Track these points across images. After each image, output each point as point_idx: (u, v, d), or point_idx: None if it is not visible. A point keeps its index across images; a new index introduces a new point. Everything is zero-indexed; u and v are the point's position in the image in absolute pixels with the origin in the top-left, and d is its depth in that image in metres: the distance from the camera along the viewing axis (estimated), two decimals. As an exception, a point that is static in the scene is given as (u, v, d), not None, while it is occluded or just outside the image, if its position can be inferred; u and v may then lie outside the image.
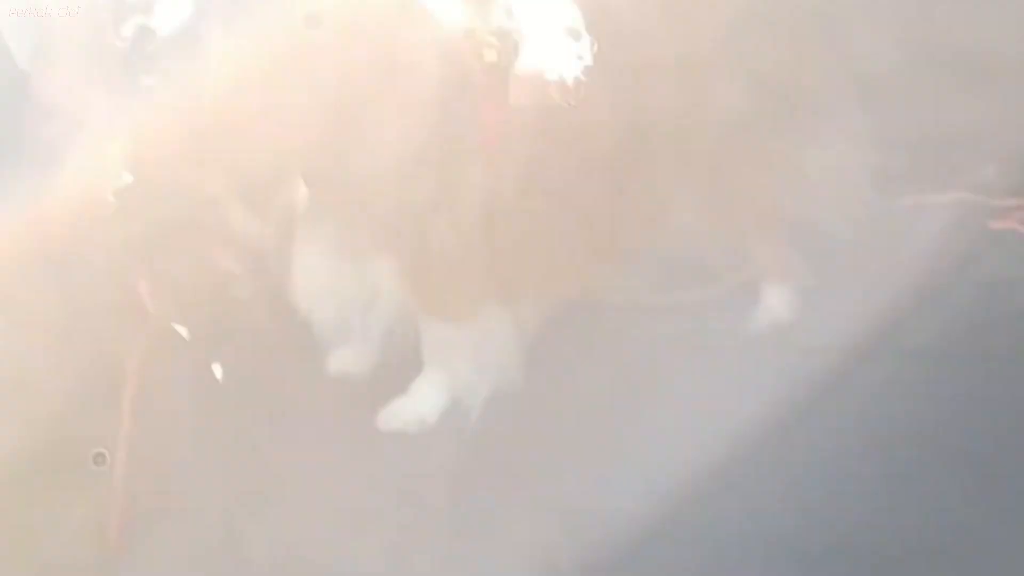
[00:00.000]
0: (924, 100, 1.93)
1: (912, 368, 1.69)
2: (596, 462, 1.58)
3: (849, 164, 1.87)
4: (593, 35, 1.59)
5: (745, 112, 1.69)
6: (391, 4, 1.50)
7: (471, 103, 1.50)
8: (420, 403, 1.67)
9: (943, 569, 1.36)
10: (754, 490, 1.49)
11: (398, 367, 1.74)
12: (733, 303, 1.87)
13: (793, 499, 1.46)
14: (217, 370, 1.66)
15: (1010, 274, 1.91)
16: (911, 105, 1.91)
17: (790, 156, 1.76)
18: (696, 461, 1.54)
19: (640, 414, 1.65)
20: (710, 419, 1.62)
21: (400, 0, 1.50)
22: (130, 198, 1.46)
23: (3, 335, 1.45)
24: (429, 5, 1.52)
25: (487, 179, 1.53)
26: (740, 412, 1.62)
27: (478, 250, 1.57)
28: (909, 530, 1.40)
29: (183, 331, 1.80)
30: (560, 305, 1.75)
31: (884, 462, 1.52)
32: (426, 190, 1.50)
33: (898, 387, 1.65)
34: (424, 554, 1.43)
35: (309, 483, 1.54)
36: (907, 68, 1.86)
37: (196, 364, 1.73)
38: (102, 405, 1.51)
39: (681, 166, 1.70)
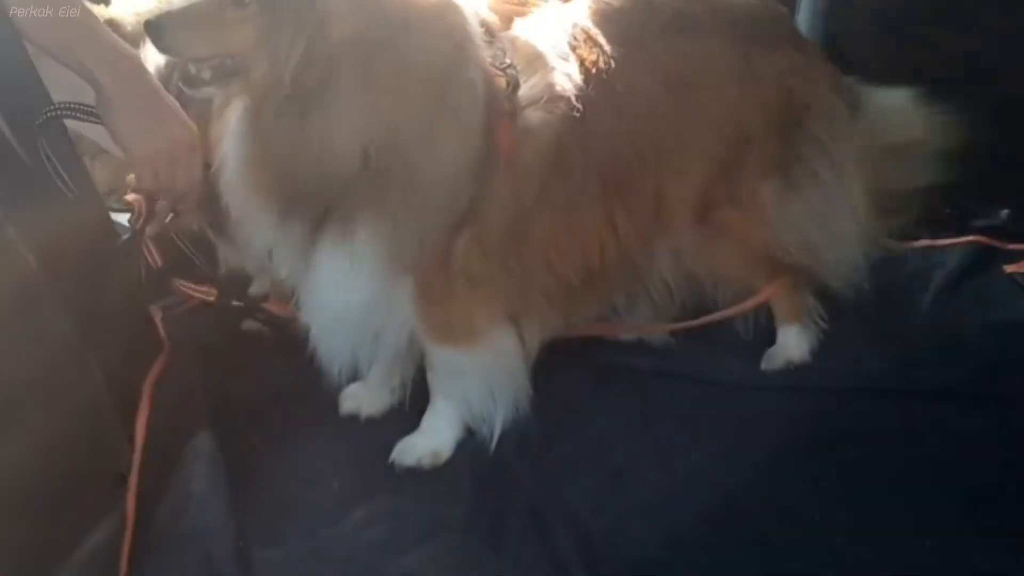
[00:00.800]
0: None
1: (923, 410, 1.67)
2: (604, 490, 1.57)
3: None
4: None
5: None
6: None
7: (490, 123, 1.51)
8: (434, 437, 1.66)
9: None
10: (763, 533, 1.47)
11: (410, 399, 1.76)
12: (739, 339, 1.88)
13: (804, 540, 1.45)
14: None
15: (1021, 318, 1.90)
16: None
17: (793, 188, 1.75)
18: (701, 496, 1.53)
19: (645, 447, 1.65)
20: (717, 454, 1.61)
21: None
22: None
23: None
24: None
25: (505, 199, 1.54)
26: (745, 451, 1.62)
27: (491, 272, 1.58)
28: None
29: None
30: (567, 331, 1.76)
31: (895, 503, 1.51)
32: (454, 207, 1.50)
33: (910, 429, 1.64)
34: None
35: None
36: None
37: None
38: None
39: (680, 190, 1.70)
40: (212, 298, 1.94)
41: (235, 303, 1.96)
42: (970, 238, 2.17)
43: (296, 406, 1.78)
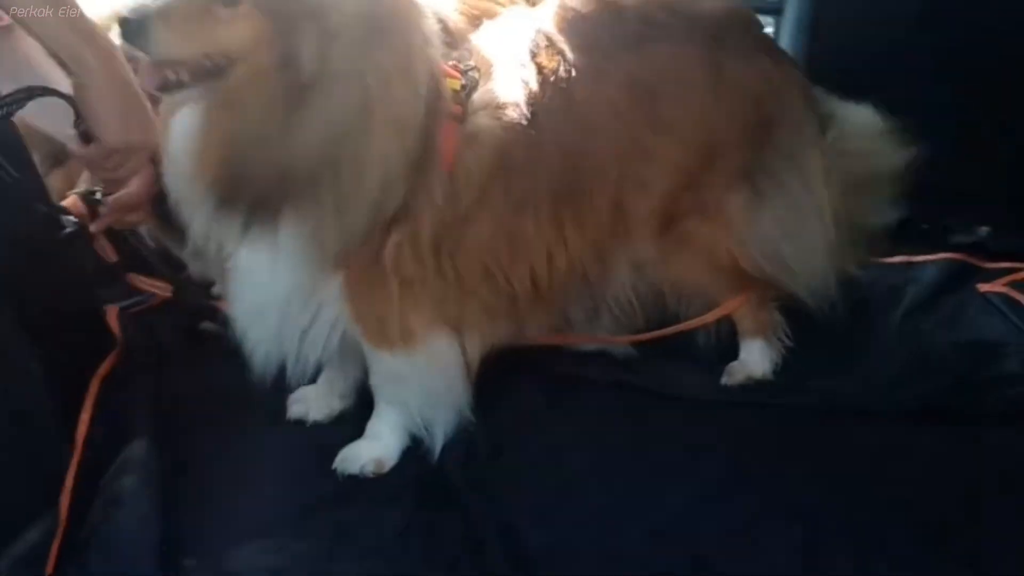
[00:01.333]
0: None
1: (883, 431, 1.63)
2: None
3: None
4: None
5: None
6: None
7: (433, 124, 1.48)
8: (377, 445, 1.62)
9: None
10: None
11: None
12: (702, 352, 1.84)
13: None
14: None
15: (995, 338, 1.86)
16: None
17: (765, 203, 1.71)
18: (647, 513, 1.49)
19: (595, 460, 1.61)
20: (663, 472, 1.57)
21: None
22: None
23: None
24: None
25: (440, 202, 1.50)
26: (698, 468, 1.58)
27: (425, 276, 1.54)
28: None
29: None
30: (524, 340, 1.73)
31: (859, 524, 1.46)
32: (383, 205, 1.47)
33: (868, 449, 1.60)
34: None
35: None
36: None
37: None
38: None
39: (642, 202, 1.66)
40: (167, 294, 1.93)
41: (191, 301, 1.95)
42: (947, 255, 2.12)
43: (245, 409, 1.74)
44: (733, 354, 1.84)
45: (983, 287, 2.01)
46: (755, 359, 1.79)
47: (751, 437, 1.65)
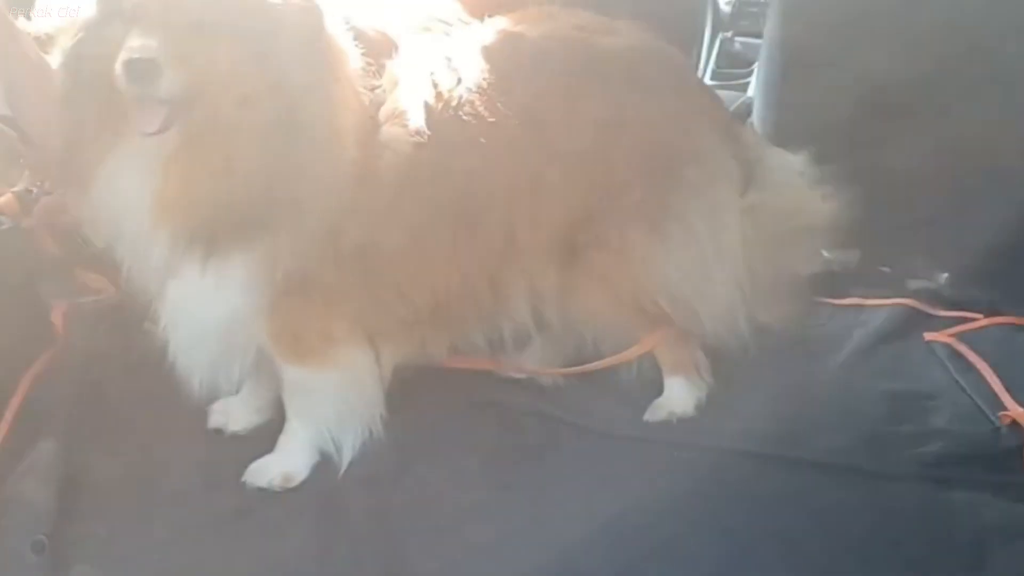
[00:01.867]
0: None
1: (793, 478, 1.61)
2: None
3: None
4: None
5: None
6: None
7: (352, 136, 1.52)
8: (286, 460, 1.64)
9: None
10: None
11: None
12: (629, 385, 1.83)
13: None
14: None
15: (929, 390, 1.82)
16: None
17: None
18: (542, 545, 1.49)
19: (500, 488, 1.61)
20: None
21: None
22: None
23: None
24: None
25: (359, 211, 1.53)
26: (603, 502, 1.57)
27: (345, 285, 1.57)
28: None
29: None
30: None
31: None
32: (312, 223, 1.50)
33: (773, 496, 1.58)
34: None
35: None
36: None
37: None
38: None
39: (535, 233, 1.66)
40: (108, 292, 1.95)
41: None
42: (900, 300, 2.09)
43: (170, 415, 1.77)
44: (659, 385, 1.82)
45: (929, 335, 1.97)
46: (676, 396, 1.78)
47: (659, 475, 1.64)
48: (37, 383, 1.79)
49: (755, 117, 2.49)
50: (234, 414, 1.76)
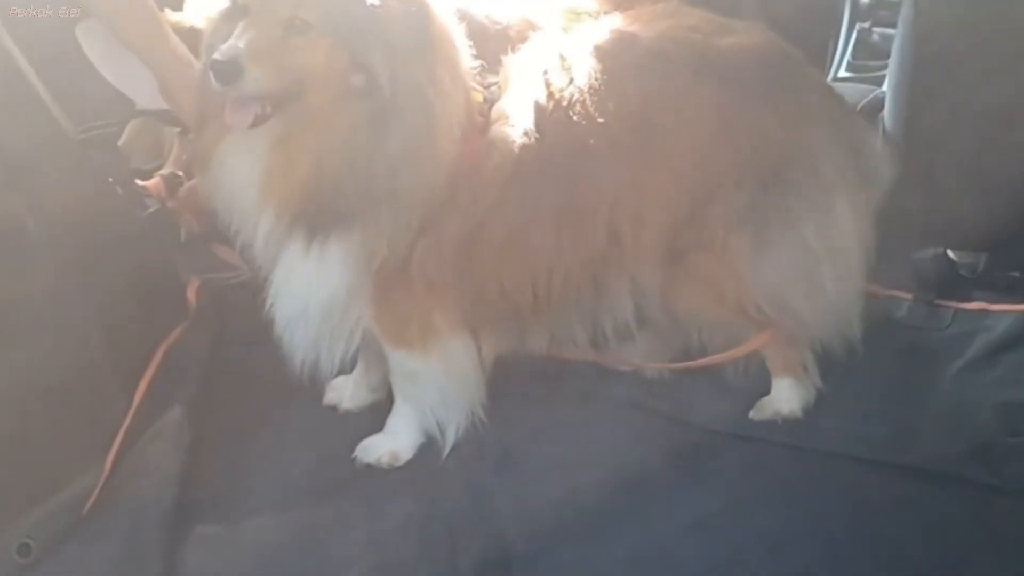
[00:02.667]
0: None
1: (919, 486, 1.58)
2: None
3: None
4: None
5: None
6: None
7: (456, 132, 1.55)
8: (394, 439, 1.71)
9: None
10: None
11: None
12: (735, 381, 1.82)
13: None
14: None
15: None
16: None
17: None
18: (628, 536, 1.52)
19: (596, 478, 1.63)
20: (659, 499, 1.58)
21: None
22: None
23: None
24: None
25: (463, 207, 1.57)
26: (697, 495, 1.58)
27: (446, 278, 1.61)
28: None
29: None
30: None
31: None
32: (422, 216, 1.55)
33: (879, 500, 1.55)
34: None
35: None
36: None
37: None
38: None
39: (638, 233, 1.66)
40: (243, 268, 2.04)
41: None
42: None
43: (289, 390, 1.86)
44: (767, 384, 1.81)
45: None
46: (784, 397, 1.76)
47: (758, 473, 1.64)
48: (170, 354, 1.90)
49: (886, 113, 2.42)
50: (348, 392, 1.84)
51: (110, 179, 1.93)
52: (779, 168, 1.64)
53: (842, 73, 3.48)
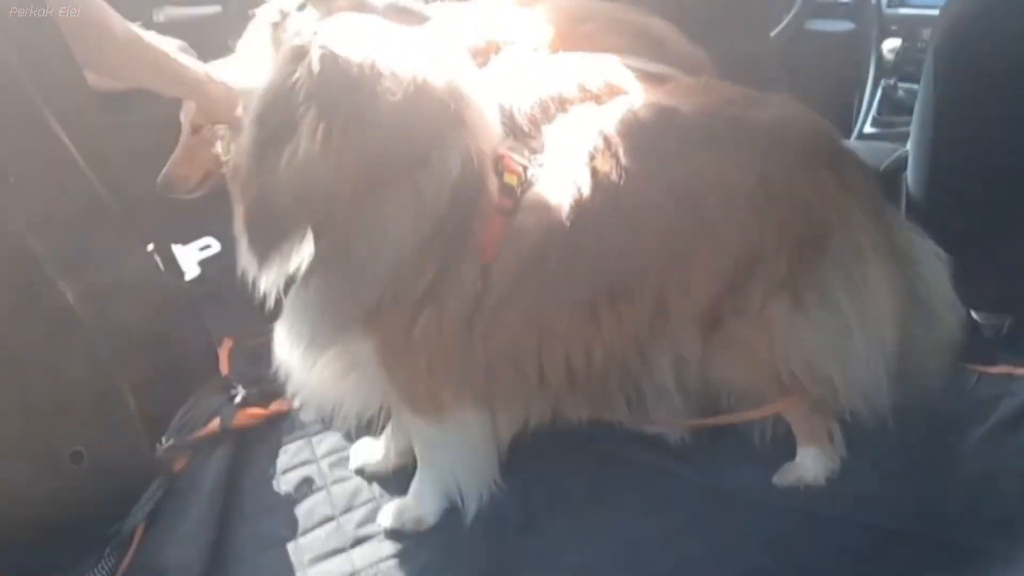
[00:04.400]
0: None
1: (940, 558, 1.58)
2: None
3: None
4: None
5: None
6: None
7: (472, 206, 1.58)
8: (417, 504, 1.73)
9: None
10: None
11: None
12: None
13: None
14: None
15: None
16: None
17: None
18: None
19: (620, 546, 1.65)
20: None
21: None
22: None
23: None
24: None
25: (469, 291, 1.60)
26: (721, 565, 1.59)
27: (452, 357, 1.63)
28: None
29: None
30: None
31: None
32: (401, 284, 1.57)
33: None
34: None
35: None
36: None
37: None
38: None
39: (685, 303, 1.67)
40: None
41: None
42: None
43: (313, 449, 1.90)
44: (793, 449, 1.82)
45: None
46: (808, 464, 1.77)
47: (783, 542, 1.64)
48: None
49: (909, 172, 2.43)
50: (374, 455, 1.86)
51: (150, 247, 1.99)
52: (818, 238, 1.66)
53: (867, 129, 3.50)
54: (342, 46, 1.49)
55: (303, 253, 1.55)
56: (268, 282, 1.59)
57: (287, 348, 1.67)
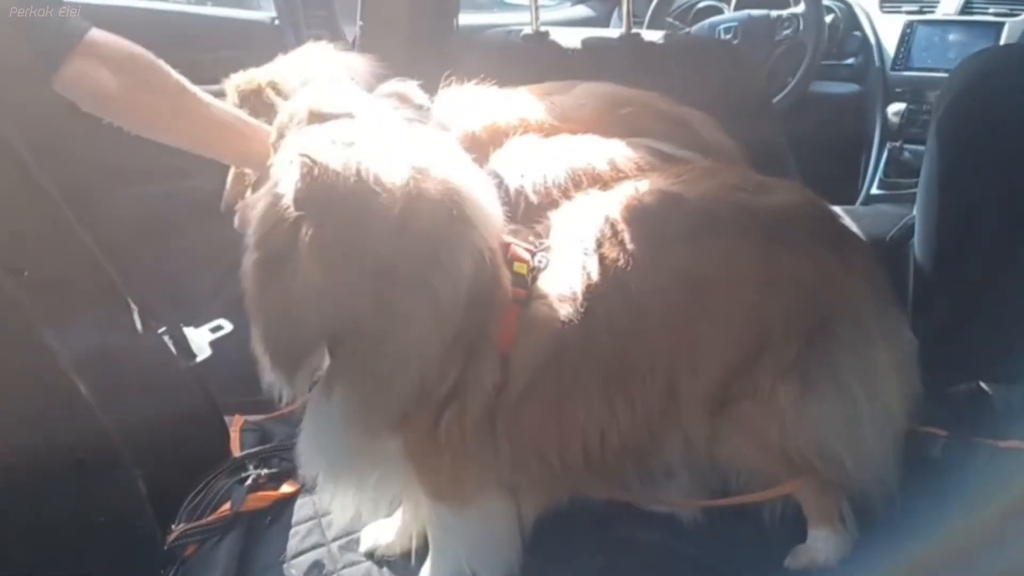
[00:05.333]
0: None
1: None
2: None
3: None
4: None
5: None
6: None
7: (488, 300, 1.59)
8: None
9: None
10: None
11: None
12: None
13: None
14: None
15: None
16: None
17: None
18: None
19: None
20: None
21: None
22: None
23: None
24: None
25: (489, 385, 1.60)
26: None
27: (475, 451, 1.63)
28: None
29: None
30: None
31: None
32: (426, 384, 1.58)
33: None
34: None
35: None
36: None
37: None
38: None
39: (694, 386, 1.67)
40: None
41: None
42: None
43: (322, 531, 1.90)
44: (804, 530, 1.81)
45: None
46: (820, 547, 1.76)
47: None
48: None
49: (916, 240, 2.44)
50: (385, 537, 1.85)
51: (162, 330, 2.01)
52: (825, 322, 1.67)
53: (874, 191, 3.53)
54: (327, 158, 1.47)
55: (327, 359, 1.55)
56: (297, 390, 1.61)
57: (311, 461, 1.68)
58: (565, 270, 1.64)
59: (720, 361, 1.66)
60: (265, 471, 2.01)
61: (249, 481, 1.99)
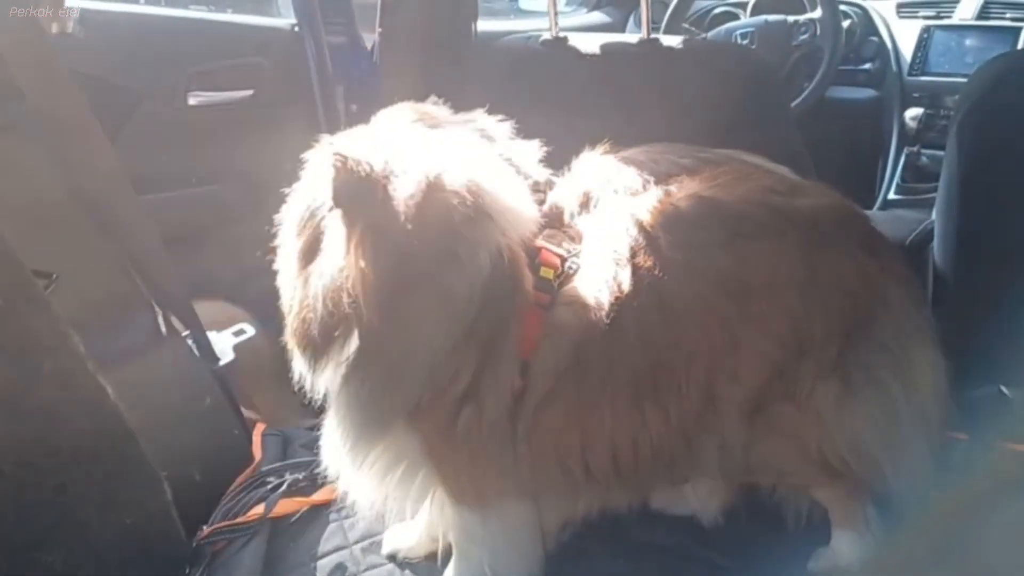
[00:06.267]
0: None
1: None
2: None
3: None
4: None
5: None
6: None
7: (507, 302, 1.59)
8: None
9: None
10: None
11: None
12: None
13: None
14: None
15: None
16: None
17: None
18: None
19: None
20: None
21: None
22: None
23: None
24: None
25: (507, 388, 1.60)
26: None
27: (494, 452, 1.63)
28: None
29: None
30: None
31: None
32: (462, 377, 1.58)
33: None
34: None
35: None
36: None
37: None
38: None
39: (733, 390, 1.66)
40: None
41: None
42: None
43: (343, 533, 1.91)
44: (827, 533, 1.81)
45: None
46: (844, 550, 1.76)
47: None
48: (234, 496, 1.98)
49: (935, 244, 2.45)
50: (408, 540, 1.87)
51: (185, 333, 2.03)
52: (863, 323, 1.66)
53: (892, 196, 3.53)
54: (355, 150, 1.50)
55: (351, 350, 1.57)
56: (323, 382, 1.62)
57: (336, 445, 1.68)
58: (594, 277, 1.63)
59: (761, 366, 1.64)
60: (301, 475, 2.02)
61: (284, 487, 2.00)
